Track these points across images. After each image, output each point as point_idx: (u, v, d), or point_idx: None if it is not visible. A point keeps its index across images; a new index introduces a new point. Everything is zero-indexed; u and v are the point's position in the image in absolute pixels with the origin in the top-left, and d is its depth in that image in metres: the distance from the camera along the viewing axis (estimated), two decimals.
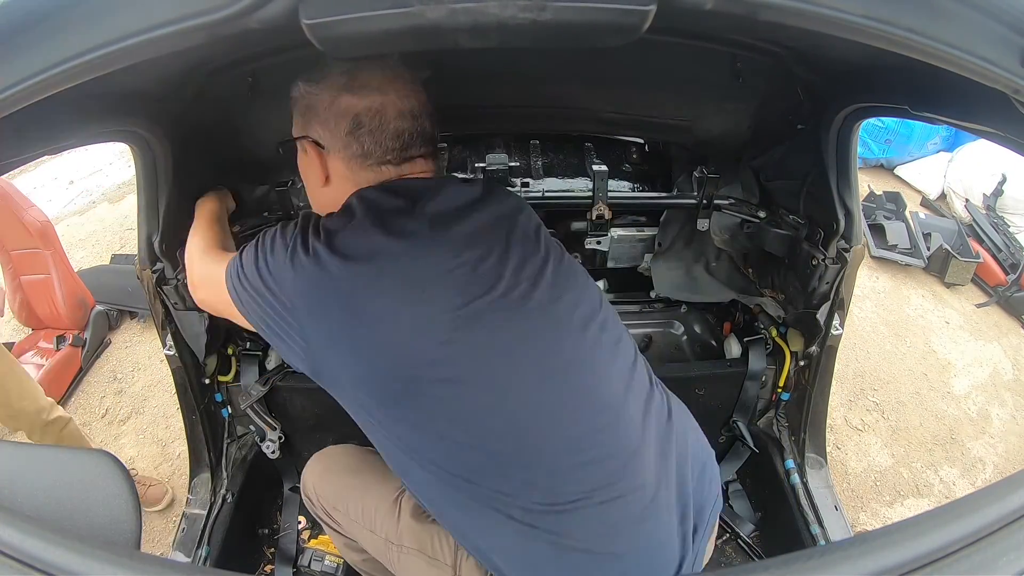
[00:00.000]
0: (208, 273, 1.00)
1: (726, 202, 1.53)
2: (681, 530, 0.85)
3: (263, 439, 1.64)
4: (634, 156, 1.80)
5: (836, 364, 1.51)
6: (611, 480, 0.80)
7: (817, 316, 1.40)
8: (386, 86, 0.90)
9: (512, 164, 1.66)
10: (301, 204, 1.61)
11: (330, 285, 0.79)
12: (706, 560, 0.95)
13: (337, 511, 1.10)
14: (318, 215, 0.91)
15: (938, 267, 3.19)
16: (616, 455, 0.81)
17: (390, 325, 0.78)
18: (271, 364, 1.67)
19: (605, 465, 0.81)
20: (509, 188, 1.66)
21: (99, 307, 2.82)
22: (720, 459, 1.73)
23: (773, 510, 1.66)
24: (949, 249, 3.14)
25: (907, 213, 3.48)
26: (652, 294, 1.86)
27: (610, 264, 1.79)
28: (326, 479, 1.14)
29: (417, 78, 0.95)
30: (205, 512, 1.52)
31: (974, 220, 3.40)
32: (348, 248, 0.81)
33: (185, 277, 1.32)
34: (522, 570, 0.81)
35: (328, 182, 0.95)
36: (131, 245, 3.52)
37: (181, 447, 2.27)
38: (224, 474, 1.60)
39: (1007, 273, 3.10)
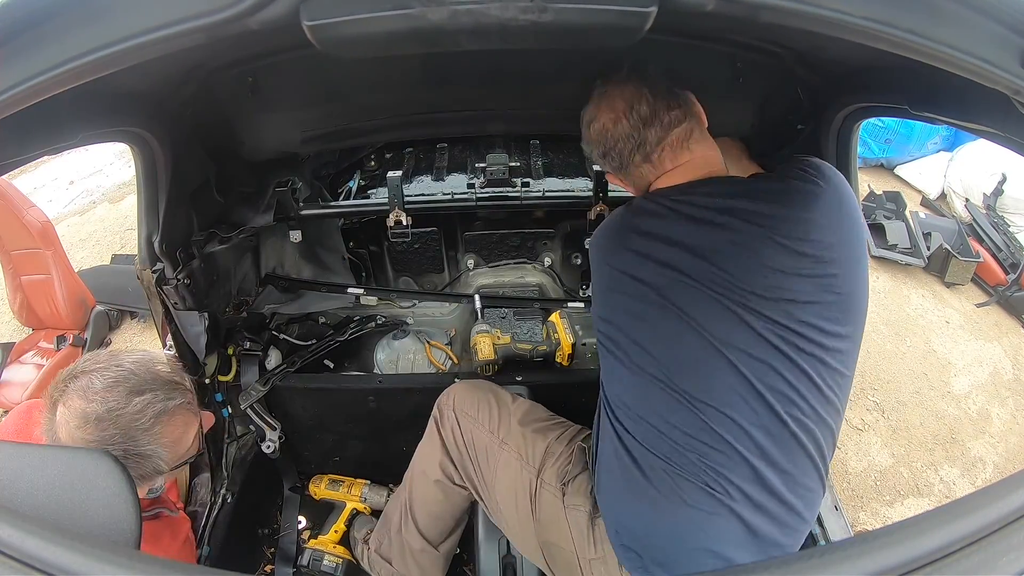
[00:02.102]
0: None
1: None
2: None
3: (263, 439, 1.64)
4: None
5: None
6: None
7: None
8: None
9: (512, 164, 1.66)
10: (301, 204, 1.62)
11: None
12: None
13: (467, 415, 1.31)
14: None
15: (938, 267, 3.20)
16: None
17: None
18: (271, 364, 1.67)
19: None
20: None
21: (99, 307, 2.82)
22: None
23: None
24: (949, 249, 3.14)
25: (907, 213, 3.48)
26: None
27: None
28: (471, 392, 1.36)
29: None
30: (205, 512, 1.53)
31: (974, 220, 3.40)
32: None
33: (185, 276, 1.33)
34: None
35: None
36: (131, 245, 3.52)
37: None
38: (224, 474, 1.60)
39: (1007, 273, 3.10)
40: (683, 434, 0.93)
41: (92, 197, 4.31)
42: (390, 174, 1.56)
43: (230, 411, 1.64)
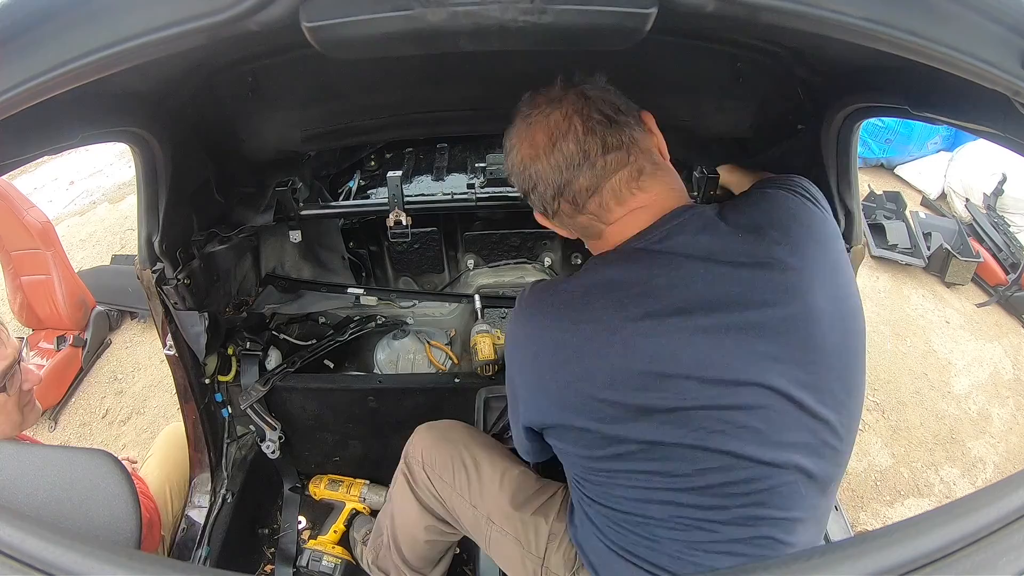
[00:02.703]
0: None
1: None
2: None
3: (263, 439, 1.65)
4: None
5: None
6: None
7: None
8: None
9: None
10: (301, 204, 1.62)
11: None
12: None
13: (442, 480, 1.14)
14: None
15: (938, 267, 3.19)
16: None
17: None
18: (271, 364, 1.67)
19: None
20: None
21: (99, 307, 2.82)
22: None
23: None
24: (949, 249, 3.14)
25: (907, 213, 3.48)
26: None
27: None
28: (440, 447, 1.17)
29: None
30: (205, 512, 1.53)
31: (974, 220, 3.40)
32: None
33: (185, 276, 1.33)
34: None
35: None
36: (131, 245, 3.52)
37: None
38: (224, 474, 1.61)
39: (1007, 273, 3.10)
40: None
41: (92, 197, 4.31)
42: (390, 174, 1.56)
43: (230, 411, 1.64)
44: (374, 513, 1.76)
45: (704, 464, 0.75)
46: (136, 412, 2.55)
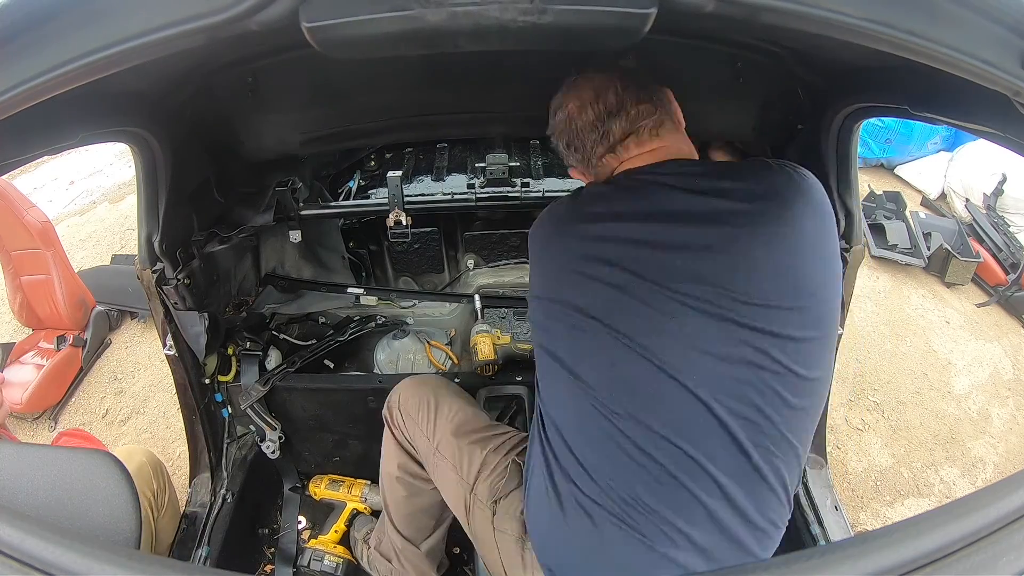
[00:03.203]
0: None
1: None
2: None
3: (263, 439, 1.65)
4: None
5: (836, 364, 1.51)
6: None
7: None
8: None
9: (512, 164, 1.66)
10: (301, 204, 1.62)
11: None
12: None
13: (410, 417, 1.28)
14: None
15: (938, 267, 3.19)
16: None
17: None
18: (271, 364, 1.67)
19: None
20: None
21: (99, 307, 2.82)
22: None
23: None
24: (949, 249, 3.14)
25: (907, 213, 3.48)
26: None
27: None
28: (413, 390, 1.32)
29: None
30: (205, 512, 1.53)
31: (974, 220, 3.40)
32: None
33: (185, 276, 1.33)
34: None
35: None
36: (131, 245, 3.52)
37: (181, 447, 2.27)
38: (224, 474, 1.61)
39: (1007, 273, 3.10)
40: (626, 472, 0.84)
41: (92, 197, 4.31)
42: (390, 174, 1.56)
43: (230, 411, 1.64)
44: (375, 513, 1.76)
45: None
46: (136, 412, 2.55)
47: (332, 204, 1.73)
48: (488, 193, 1.65)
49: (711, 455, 0.81)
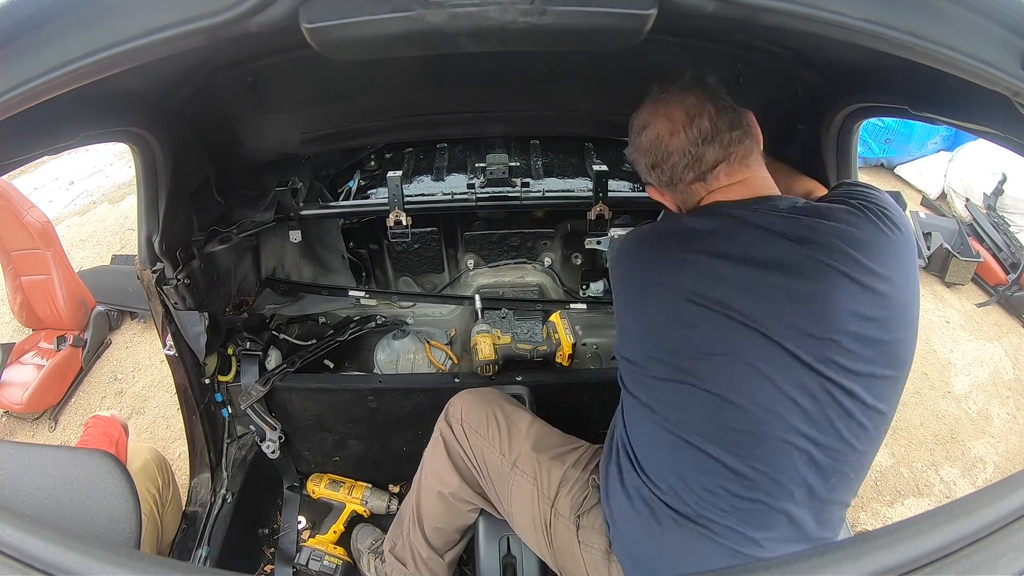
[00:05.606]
0: None
1: None
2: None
3: (263, 439, 1.64)
4: None
5: None
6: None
7: None
8: None
9: (512, 164, 1.66)
10: (301, 204, 1.62)
11: None
12: None
13: (477, 434, 1.26)
14: None
15: (938, 266, 3.19)
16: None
17: None
18: (271, 364, 1.67)
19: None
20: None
21: (99, 307, 2.82)
22: None
23: None
24: (949, 248, 3.14)
25: (907, 213, 3.47)
26: None
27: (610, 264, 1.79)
28: (477, 406, 1.30)
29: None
30: (205, 512, 1.53)
31: (974, 219, 3.40)
32: None
33: (185, 276, 1.33)
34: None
35: None
36: (131, 245, 3.52)
37: (181, 447, 2.27)
38: (224, 474, 1.61)
39: (1007, 272, 3.10)
40: (720, 490, 0.88)
41: (92, 197, 4.31)
42: (390, 174, 1.56)
43: (230, 411, 1.64)
44: (374, 518, 1.76)
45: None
46: (136, 412, 2.55)
47: (332, 204, 1.73)
48: (488, 193, 1.65)
49: (794, 482, 0.87)
